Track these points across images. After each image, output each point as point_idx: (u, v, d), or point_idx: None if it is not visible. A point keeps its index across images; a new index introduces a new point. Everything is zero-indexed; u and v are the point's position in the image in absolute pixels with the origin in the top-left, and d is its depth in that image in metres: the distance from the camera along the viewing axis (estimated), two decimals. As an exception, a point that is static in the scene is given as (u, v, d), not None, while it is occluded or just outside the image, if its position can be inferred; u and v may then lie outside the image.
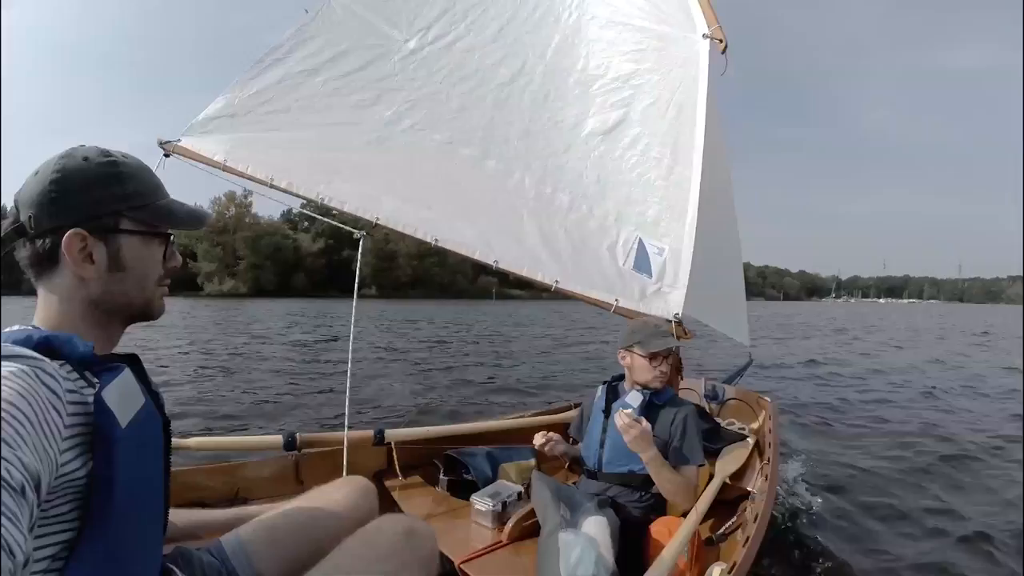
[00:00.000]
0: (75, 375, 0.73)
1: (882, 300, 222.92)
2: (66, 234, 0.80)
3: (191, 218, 0.94)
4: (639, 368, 2.12)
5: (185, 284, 64.76)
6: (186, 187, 2.56)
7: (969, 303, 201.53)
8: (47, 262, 0.81)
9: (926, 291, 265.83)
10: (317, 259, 73.22)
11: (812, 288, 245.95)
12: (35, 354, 0.68)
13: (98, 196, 0.83)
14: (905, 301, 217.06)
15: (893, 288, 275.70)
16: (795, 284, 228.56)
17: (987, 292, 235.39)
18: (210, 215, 1.04)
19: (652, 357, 2.10)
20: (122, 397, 0.76)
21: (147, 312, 0.92)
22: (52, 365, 0.69)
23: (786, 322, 29.08)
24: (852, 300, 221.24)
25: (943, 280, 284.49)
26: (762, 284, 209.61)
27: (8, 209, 0.84)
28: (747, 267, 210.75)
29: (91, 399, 0.71)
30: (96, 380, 0.74)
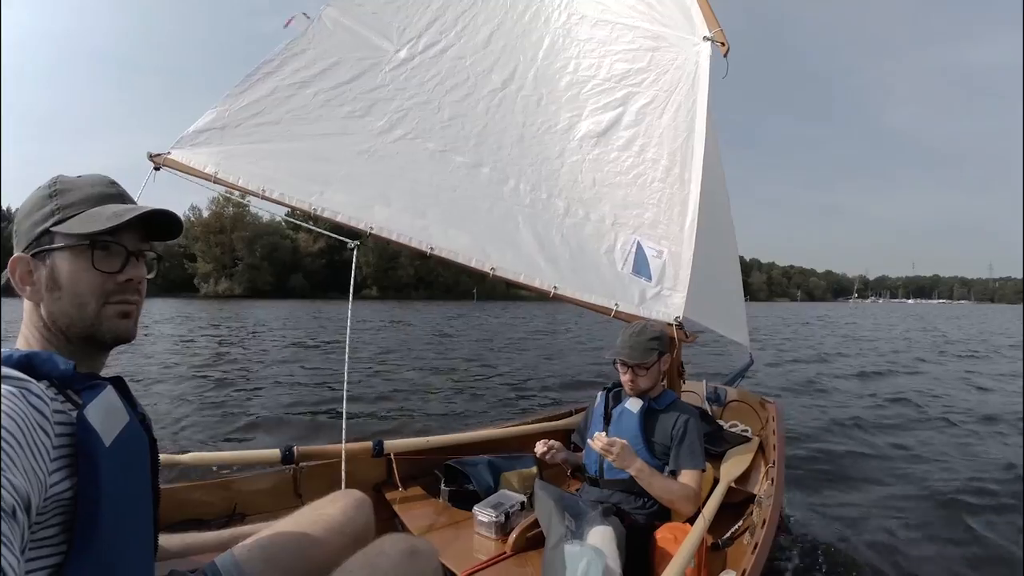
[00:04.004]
0: (59, 394, 0.75)
1: (911, 300, 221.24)
2: (8, 261, 0.86)
3: (112, 217, 0.87)
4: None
5: (183, 285, 65.28)
6: (186, 185, 2.66)
7: (1000, 303, 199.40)
8: (14, 289, 0.87)
9: (956, 291, 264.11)
10: (317, 259, 73.28)
11: (839, 288, 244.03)
12: (21, 374, 0.70)
13: (34, 218, 0.87)
14: (935, 302, 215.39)
15: (922, 288, 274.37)
16: (821, 285, 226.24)
17: (1019, 292, 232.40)
18: (141, 209, 0.90)
19: (617, 364, 2.16)
20: (106, 415, 0.78)
21: (94, 334, 0.88)
22: (39, 386, 0.70)
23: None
24: (880, 300, 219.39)
25: (973, 280, 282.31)
26: (787, 284, 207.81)
27: (8, 211, 0.90)
28: (771, 267, 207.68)
29: (75, 417, 0.73)
30: (78, 399, 0.76)
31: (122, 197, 0.93)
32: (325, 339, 15.13)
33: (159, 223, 0.94)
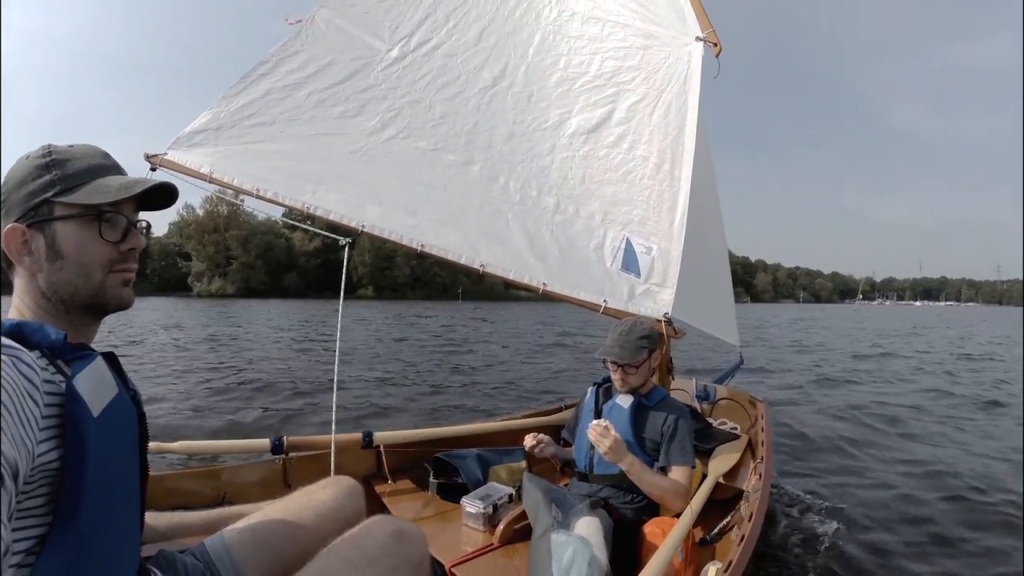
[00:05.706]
0: (48, 364, 0.77)
1: (918, 303, 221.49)
2: (3, 231, 0.86)
3: (120, 189, 0.91)
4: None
5: (176, 284, 65.25)
6: (181, 184, 2.73)
7: (1008, 306, 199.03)
8: (5, 259, 0.88)
9: (964, 293, 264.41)
10: (312, 259, 73.17)
11: (845, 290, 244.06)
12: (12, 343, 0.71)
13: (30, 188, 0.87)
14: (942, 304, 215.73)
15: (929, 290, 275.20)
16: (827, 286, 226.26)
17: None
18: (149, 182, 0.94)
19: (607, 362, 2.21)
20: (95, 386, 0.79)
21: (99, 302, 0.91)
22: (29, 355, 0.71)
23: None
24: (887, 303, 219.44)
25: (981, 282, 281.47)
26: (792, 286, 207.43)
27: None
28: (777, 268, 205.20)
29: (64, 387, 0.75)
30: (68, 369, 0.78)
31: (118, 168, 0.97)
32: (316, 335, 15.20)
33: (156, 194, 0.99)
